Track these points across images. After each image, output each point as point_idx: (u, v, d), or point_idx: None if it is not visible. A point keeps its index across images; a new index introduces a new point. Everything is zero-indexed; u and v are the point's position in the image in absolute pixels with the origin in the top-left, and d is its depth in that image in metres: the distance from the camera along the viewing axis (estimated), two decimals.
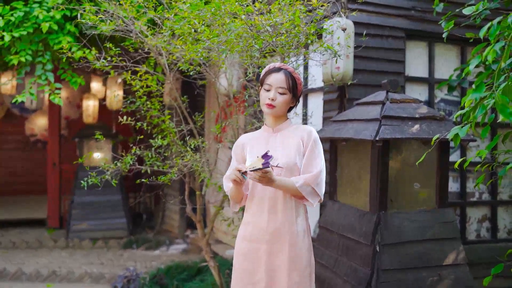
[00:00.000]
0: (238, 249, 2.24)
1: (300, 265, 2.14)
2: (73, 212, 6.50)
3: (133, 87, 3.49)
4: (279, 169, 2.13)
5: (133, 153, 3.35)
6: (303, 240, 2.17)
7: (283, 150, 2.17)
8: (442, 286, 2.78)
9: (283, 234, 2.13)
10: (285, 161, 2.14)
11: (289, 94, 2.16)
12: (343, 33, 3.27)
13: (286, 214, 2.14)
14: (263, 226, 2.15)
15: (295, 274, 2.12)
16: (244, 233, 2.22)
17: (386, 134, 2.73)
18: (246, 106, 3.69)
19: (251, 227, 2.19)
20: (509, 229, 4.32)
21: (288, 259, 2.12)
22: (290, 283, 2.11)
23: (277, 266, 2.14)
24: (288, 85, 2.15)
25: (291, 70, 2.20)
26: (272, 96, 2.14)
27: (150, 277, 4.23)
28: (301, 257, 2.15)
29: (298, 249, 2.14)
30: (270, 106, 2.15)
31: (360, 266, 2.80)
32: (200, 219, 3.72)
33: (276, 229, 2.14)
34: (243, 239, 2.22)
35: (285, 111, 2.22)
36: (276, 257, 2.14)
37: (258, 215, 2.17)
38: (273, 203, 2.15)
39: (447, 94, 4.13)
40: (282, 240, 2.13)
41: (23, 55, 4.40)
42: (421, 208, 2.95)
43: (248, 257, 2.18)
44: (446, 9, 3.43)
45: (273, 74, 2.17)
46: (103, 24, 3.27)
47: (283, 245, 2.13)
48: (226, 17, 2.73)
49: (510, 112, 2.03)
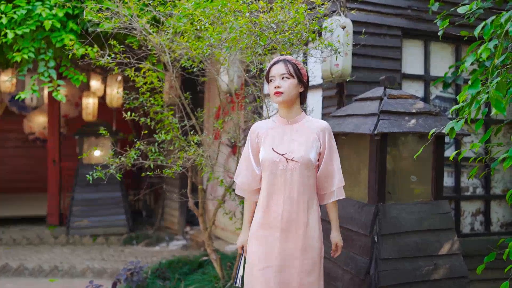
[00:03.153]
0: (253, 234, 2.34)
1: (311, 254, 2.26)
2: (73, 209, 6.56)
3: (137, 84, 3.57)
4: (293, 163, 2.23)
5: (137, 147, 3.43)
6: (315, 230, 2.28)
7: (300, 144, 2.26)
8: (438, 275, 2.89)
9: (297, 223, 2.24)
10: (301, 156, 2.23)
11: (293, 78, 2.26)
12: (342, 31, 3.37)
13: (300, 205, 2.25)
14: (278, 214, 2.25)
15: (306, 262, 2.24)
16: (260, 220, 2.31)
17: (384, 128, 2.83)
18: (247, 102, 3.78)
19: (268, 214, 2.29)
20: (502, 222, 4.44)
21: (301, 248, 2.24)
22: (302, 270, 2.23)
23: (289, 254, 2.24)
24: (288, 70, 2.25)
25: (289, 58, 2.30)
26: (277, 83, 2.24)
27: (152, 270, 4.30)
28: (313, 246, 2.26)
29: (310, 239, 2.26)
30: (278, 93, 2.24)
31: (359, 255, 2.90)
32: (202, 213, 3.81)
33: (291, 218, 2.25)
34: (259, 225, 2.31)
35: (294, 96, 2.28)
36: (288, 245, 2.25)
37: (274, 203, 2.27)
38: (289, 194, 2.25)
39: (442, 91, 4.24)
40: (296, 229, 2.24)
41: (26, 53, 4.46)
42: (417, 200, 3.06)
43: (263, 242, 2.28)
44: (441, 8, 3.54)
45: (273, 67, 2.30)
46: (107, 21, 3.34)
47: (297, 234, 2.24)
48: (231, 14, 2.81)
49: (504, 107, 2.14)
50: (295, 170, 2.23)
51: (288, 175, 2.24)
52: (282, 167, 2.25)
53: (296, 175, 2.24)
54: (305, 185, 2.26)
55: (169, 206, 7.10)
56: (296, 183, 2.24)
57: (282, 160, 2.25)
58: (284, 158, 2.24)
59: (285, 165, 2.24)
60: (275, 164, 2.26)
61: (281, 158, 2.25)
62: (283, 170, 2.25)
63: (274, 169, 2.27)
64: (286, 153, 2.25)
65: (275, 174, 2.26)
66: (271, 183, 2.28)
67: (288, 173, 2.24)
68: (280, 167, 2.25)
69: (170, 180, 6.56)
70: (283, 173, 2.25)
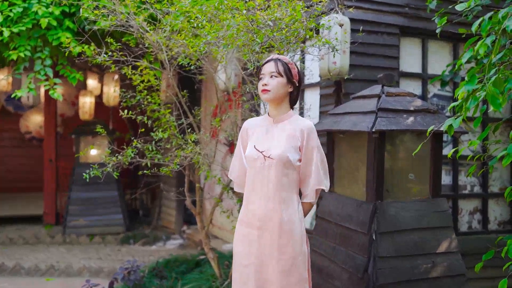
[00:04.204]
0: (236, 232, 2.34)
1: (289, 254, 2.19)
2: (69, 208, 6.53)
3: (134, 82, 3.55)
4: (270, 160, 2.22)
5: (134, 146, 3.41)
6: (293, 229, 2.21)
7: (278, 142, 2.25)
8: (436, 273, 2.88)
9: (272, 221, 2.21)
10: (277, 153, 2.22)
11: (282, 77, 2.24)
12: (340, 28, 3.36)
13: (276, 203, 2.22)
14: (255, 212, 2.25)
15: (283, 263, 2.18)
16: (241, 216, 2.33)
17: (382, 126, 2.83)
18: (244, 100, 3.77)
19: (246, 211, 2.30)
20: (499, 220, 4.44)
21: (277, 247, 2.19)
22: (279, 270, 2.18)
23: (267, 253, 2.21)
24: (277, 68, 2.24)
25: (281, 57, 2.30)
26: (265, 81, 2.25)
27: (149, 269, 4.29)
28: (291, 246, 2.20)
29: (287, 238, 2.20)
30: (265, 91, 2.25)
31: (357, 254, 2.89)
32: (199, 211, 3.79)
33: (265, 216, 2.22)
34: (240, 223, 2.33)
35: (282, 95, 2.27)
36: (265, 244, 2.22)
37: (252, 201, 2.27)
38: (266, 191, 2.24)
39: (440, 89, 4.24)
40: (271, 227, 2.21)
41: (22, 51, 4.44)
42: (415, 198, 3.05)
43: (243, 240, 2.29)
44: (439, 6, 3.53)
45: (264, 65, 2.30)
46: (104, 19, 3.32)
47: (272, 233, 2.21)
48: (228, 12, 2.80)
49: (500, 103, 2.13)
50: (272, 167, 2.22)
51: (265, 172, 2.24)
52: (260, 164, 2.25)
53: (273, 172, 2.22)
54: (282, 183, 2.23)
55: (166, 205, 7.08)
56: (272, 181, 2.22)
57: (260, 157, 2.25)
58: (262, 155, 2.25)
59: (262, 162, 2.25)
60: (255, 161, 2.27)
61: (259, 155, 2.26)
62: (261, 167, 2.25)
63: (253, 165, 2.28)
64: (264, 151, 2.25)
65: (255, 171, 2.27)
66: (251, 180, 2.29)
67: (265, 170, 2.24)
68: (258, 164, 2.26)
69: (167, 179, 6.54)
70: (261, 170, 2.25)
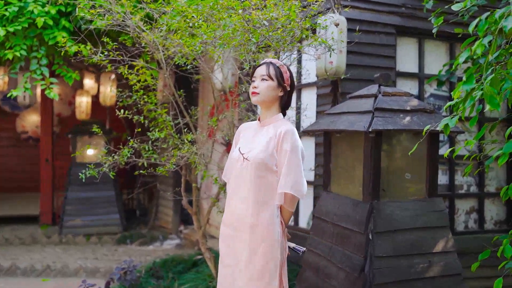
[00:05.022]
0: (220, 231, 2.36)
1: (261, 259, 2.14)
2: (66, 208, 6.51)
3: (130, 81, 3.54)
4: (247, 162, 2.23)
5: (130, 145, 3.40)
6: (266, 232, 2.16)
7: (258, 145, 2.26)
8: (432, 272, 2.88)
9: (244, 223, 2.21)
10: (253, 155, 2.22)
11: (272, 80, 2.25)
12: (336, 28, 3.36)
13: (249, 206, 2.20)
14: (233, 212, 2.27)
15: (252, 267, 2.15)
16: (223, 217, 2.36)
17: (379, 125, 2.83)
18: (241, 100, 3.76)
19: (226, 211, 2.33)
20: (495, 220, 4.45)
21: (249, 250, 2.18)
22: (248, 276, 2.16)
23: (239, 255, 2.22)
24: (268, 72, 2.25)
25: (274, 61, 2.30)
26: (255, 84, 2.26)
27: (146, 269, 4.28)
28: (262, 249, 2.15)
29: (258, 241, 2.16)
30: (254, 93, 2.26)
31: (354, 253, 2.89)
32: (196, 211, 3.79)
33: (239, 217, 2.23)
34: (222, 222, 2.36)
35: (271, 98, 2.27)
36: (239, 245, 2.22)
37: (232, 201, 2.30)
38: (242, 193, 2.24)
39: (437, 89, 4.24)
40: (243, 229, 2.21)
41: (18, 50, 4.42)
42: (412, 197, 3.05)
43: (223, 240, 2.32)
44: (436, 6, 3.54)
45: (257, 68, 2.31)
46: (100, 18, 3.31)
47: (245, 234, 2.20)
48: (223, 11, 2.79)
49: (497, 103, 2.13)
50: (248, 169, 2.23)
51: (243, 173, 2.25)
52: (239, 165, 2.28)
53: (249, 174, 2.22)
54: (257, 186, 2.20)
55: (163, 205, 7.07)
56: (248, 183, 2.22)
57: (240, 159, 2.28)
58: (242, 157, 2.27)
59: (241, 163, 2.27)
60: (236, 162, 2.31)
61: (240, 157, 2.29)
62: (240, 168, 2.27)
63: (235, 167, 2.32)
64: (245, 153, 2.27)
65: (236, 172, 2.31)
66: (232, 180, 2.33)
67: (243, 171, 2.25)
68: (239, 165, 2.29)
69: (164, 178, 6.52)
70: (240, 171, 2.27)
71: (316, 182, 3.97)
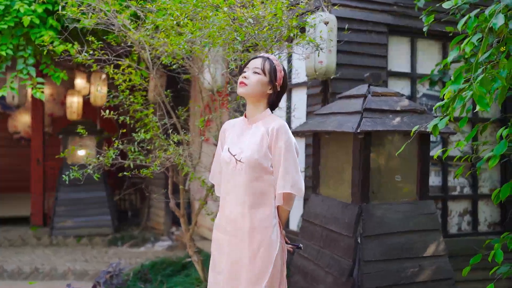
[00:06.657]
0: (213, 235, 2.27)
1: (260, 262, 2.08)
2: (57, 209, 6.42)
3: (116, 81, 3.47)
4: (240, 164, 2.12)
5: (116, 147, 3.33)
6: (263, 236, 2.09)
7: (249, 144, 2.14)
8: (423, 276, 2.82)
9: (240, 227, 2.11)
10: (247, 156, 2.11)
11: (264, 76, 2.13)
12: (325, 27, 3.29)
13: (245, 208, 2.11)
14: (228, 217, 2.16)
15: (251, 273, 2.08)
16: (216, 221, 2.26)
17: (368, 126, 2.76)
18: (229, 100, 3.69)
19: (221, 216, 2.22)
20: (489, 222, 4.39)
21: (248, 255, 2.09)
22: (247, 281, 2.08)
23: (238, 259, 2.12)
24: (263, 65, 2.13)
25: (271, 57, 2.18)
26: (246, 75, 2.13)
27: (134, 272, 4.20)
28: (262, 253, 2.08)
29: (256, 245, 2.08)
30: (242, 84, 2.13)
31: (342, 257, 2.82)
32: (183, 214, 3.71)
33: (237, 222, 2.13)
34: (215, 227, 2.26)
35: (259, 94, 2.15)
36: (236, 250, 2.13)
37: (226, 205, 2.19)
38: (236, 196, 2.14)
39: (429, 89, 4.18)
40: (240, 234, 2.11)
41: (4, 49, 4.34)
42: (402, 199, 2.99)
43: (216, 245, 2.22)
44: (427, 4, 3.47)
45: (252, 61, 2.19)
46: (85, 17, 3.24)
47: (242, 239, 2.10)
48: (209, 9, 2.72)
49: (487, 103, 2.07)
50: (242, 171, 2.12)
51: (237, 176, 2.14)
52: (232, 167, 2.16)
53: (243, 176, 2.11)
54: (252, 187, 2.11)
55: (155, 206, 6.99)
56: (243, 185, 2.12)
57: (232, 161, 2.16)
58: (235, 159, 2.15)
59: (234, 166, 2.15)
60: (227, 164, 2.18)
61: (232, 159, 2.16)
62: (233, 170, 2.15)
63: (227, 169, 2.19)
64: (236, 154, 2.15)
65: (228, 174, 2.18)
66: (225, 183, 2.21)
67: (237, 174, 2.14)
68: (231, 168, 2.16)
69: (154, 180, 6.44)
70: (233, 173, 2.15)
71: (307, 184, 3.89)
